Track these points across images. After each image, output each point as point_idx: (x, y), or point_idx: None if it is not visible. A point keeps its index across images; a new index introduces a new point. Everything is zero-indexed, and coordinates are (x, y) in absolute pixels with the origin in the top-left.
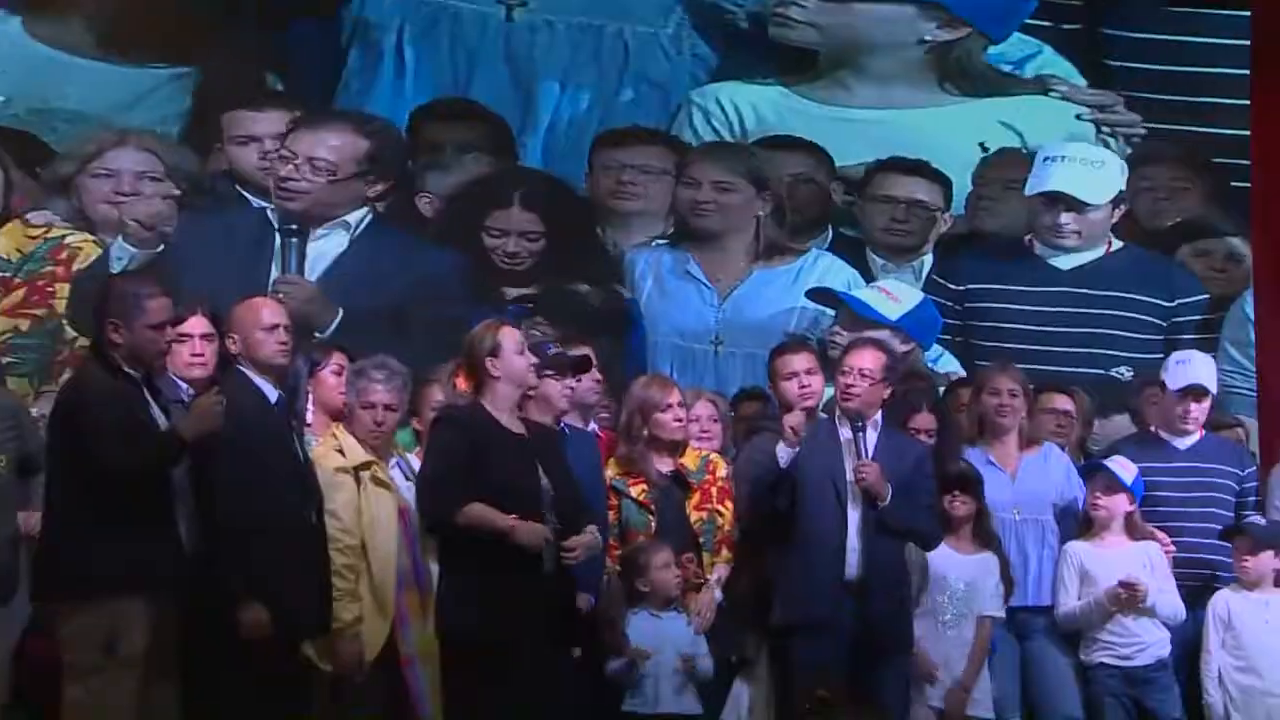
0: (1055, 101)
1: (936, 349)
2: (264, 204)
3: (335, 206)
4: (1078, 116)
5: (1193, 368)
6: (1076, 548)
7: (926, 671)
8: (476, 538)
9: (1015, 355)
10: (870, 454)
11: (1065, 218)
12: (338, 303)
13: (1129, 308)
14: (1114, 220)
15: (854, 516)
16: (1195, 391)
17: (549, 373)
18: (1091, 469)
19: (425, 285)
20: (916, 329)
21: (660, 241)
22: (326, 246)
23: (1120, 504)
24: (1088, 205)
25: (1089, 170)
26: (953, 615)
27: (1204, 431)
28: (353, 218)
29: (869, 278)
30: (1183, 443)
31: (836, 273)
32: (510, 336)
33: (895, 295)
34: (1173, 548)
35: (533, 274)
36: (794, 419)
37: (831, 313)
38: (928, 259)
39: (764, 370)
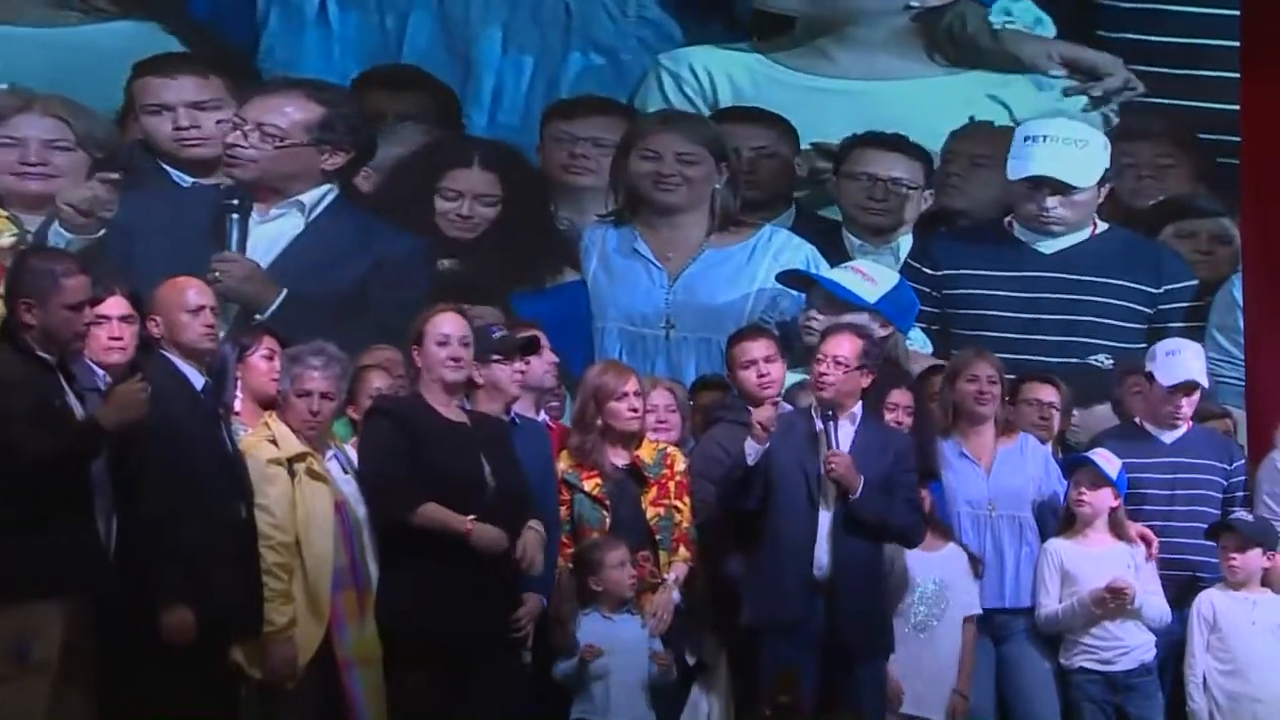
0: (1042, 77)
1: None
2: (184, 176)
3: (289, 180)
4: (1065, 92)
5: (1184, 361)
6: (1058, 546)
7: (893, 692)
8: (420, 535)
9: (995, 344)
10: (847, 446)
11: (1051, 202)
12: (290, 286)
13: (1115, 294)
14: (1100, 200)
15: (825, 514)
16: (1187, 388)
17: (496, 358)
18: (1074, 463)
19: (383, 269)
20: (894, 311)
21: (604, 217)
22: (282, 228)
23: (1105, 500)
24: (1074, 188)
25: (1073, 151)
26: (924, 617)
27: (1191, 423)
28: (309, 197)
29: (844, 259)
30: (1168, 436)
31: (794, 250)
32: (439, 324)
33: (871, 276)
34: (1157, 550)
35: (481, 243)
36: (763, 414)
37: (795, 294)
38: (907, 239)
39: (719, 356)
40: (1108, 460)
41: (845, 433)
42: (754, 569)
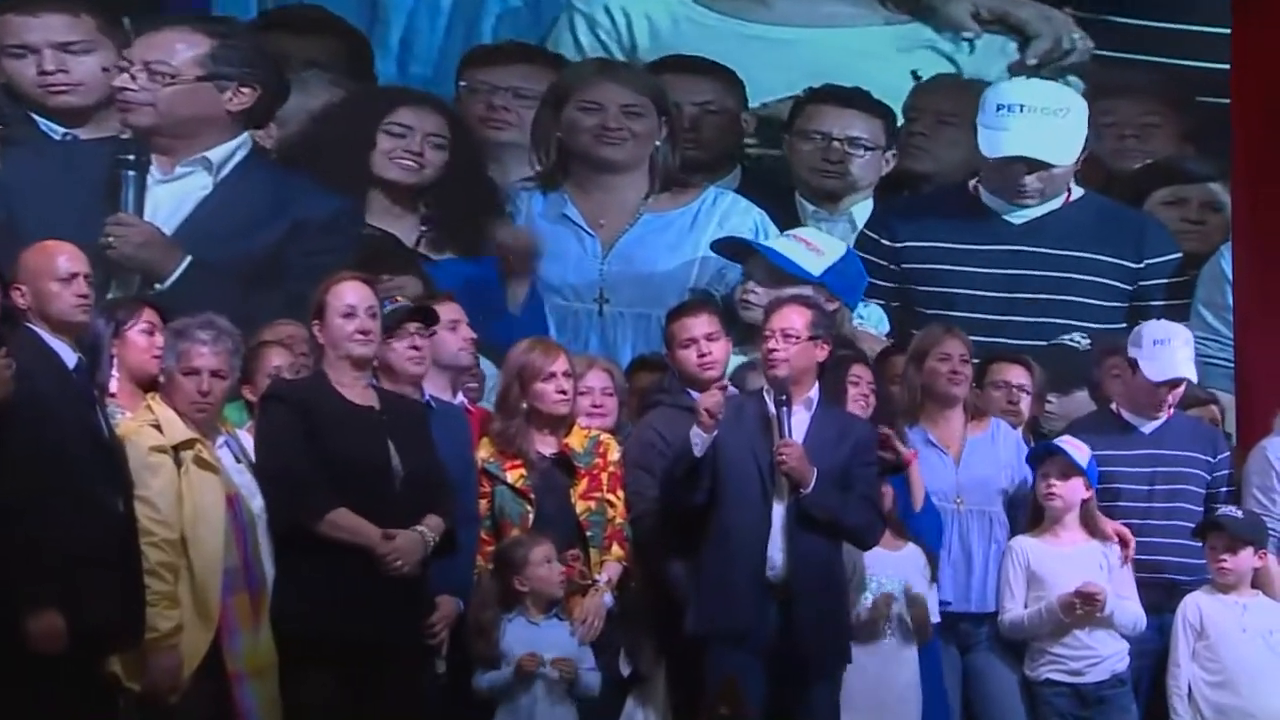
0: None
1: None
2: (54, 127)
3: (192, 127)
4: (1010, 70)
5: (1173, 352)
6: (1024, 544)
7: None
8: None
9: (960, 323)
10: (801, 434)
11: (1029, 179)
12: (196, 252)
13: (1092, 269)
14: (1077, 167)
15: (779, 508)
16: (1177, 383)
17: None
18: (1042, 452)
19: (302, 233)
20: (841, 285)
21: (529, 179)
22: (187, 188)
23: (1077, 491)
24: (1055, 165)
25: (1053, 123)
26: (889, 625)
27: (1172, 411)
28: (217, 154)
29: (792, 226)
30: (1147, 425)
31: (741, 215)
32: (341, 293)
33: (817, 246)
34: (1134, 550)
35: (429, 192)
36: (710, 400)
37: (740, 265)
38: (866, 205)
39: (659, 333)
40: (1076, 448)
41: (800, 420)
42: (698, 570)
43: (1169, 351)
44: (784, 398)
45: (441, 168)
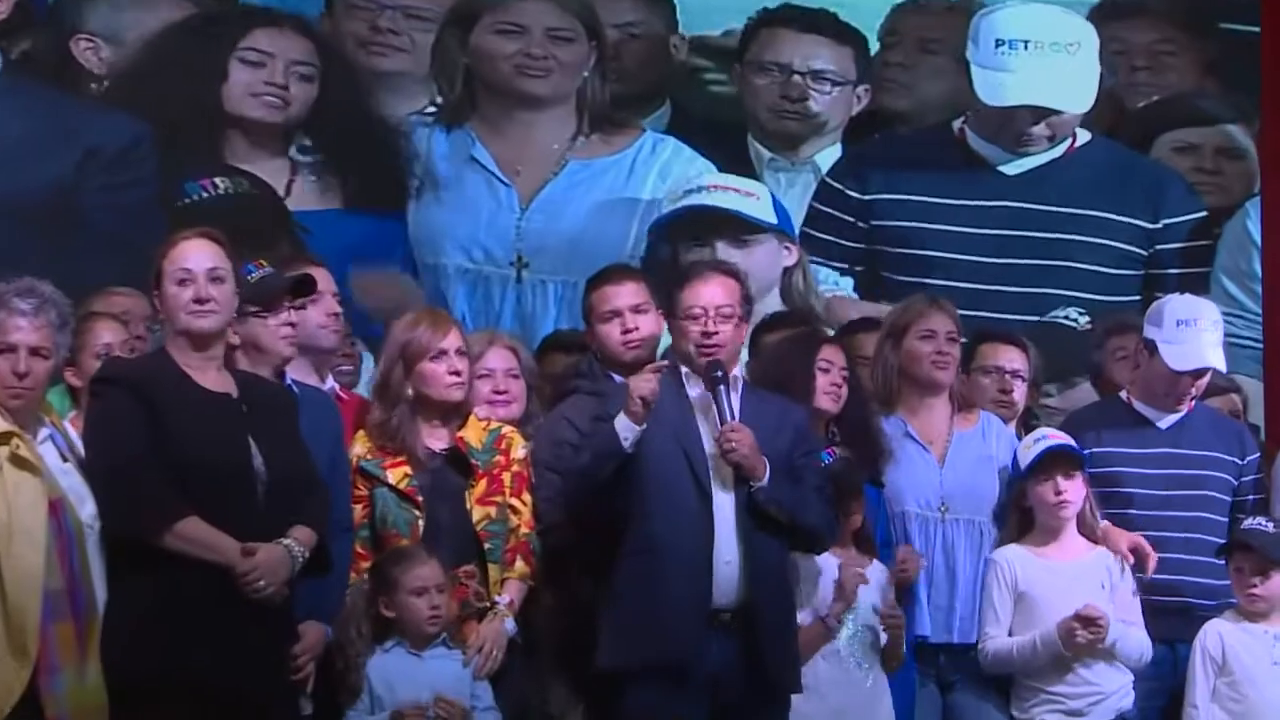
0: None
1: (829, 273)
2: None
3: None
4: None
5: (1199, 335)
6: (1011, 557)
7: None
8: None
9: (940, 294)
10: (736, 417)
11: (1036, 128)
12: None
13: (1099, 230)
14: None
15: (724, 508)
16: (1202, 373)
17: (252, 309)
18: (1048, 454)
19: (95, 164)
20: (788, 223)
21: (427, 114)
22: None
23: (1081, 493)
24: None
25: (1062, 61)
26: (858, 650)
27: (1192, 403)
28: None
29: (750, 176)
30: (1165, 419)
31: (685, 164)
32: (178, 256)
33: (744, 189)
34: (1154, 566)
35: (302, 133)
36: (643, 385)
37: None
38: (835, 151)
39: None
40: (1066, 439)
41: (733, 401)
42: (616, 589)
43: (1194, 334)
44: (720, 374)
45: (310, 104)
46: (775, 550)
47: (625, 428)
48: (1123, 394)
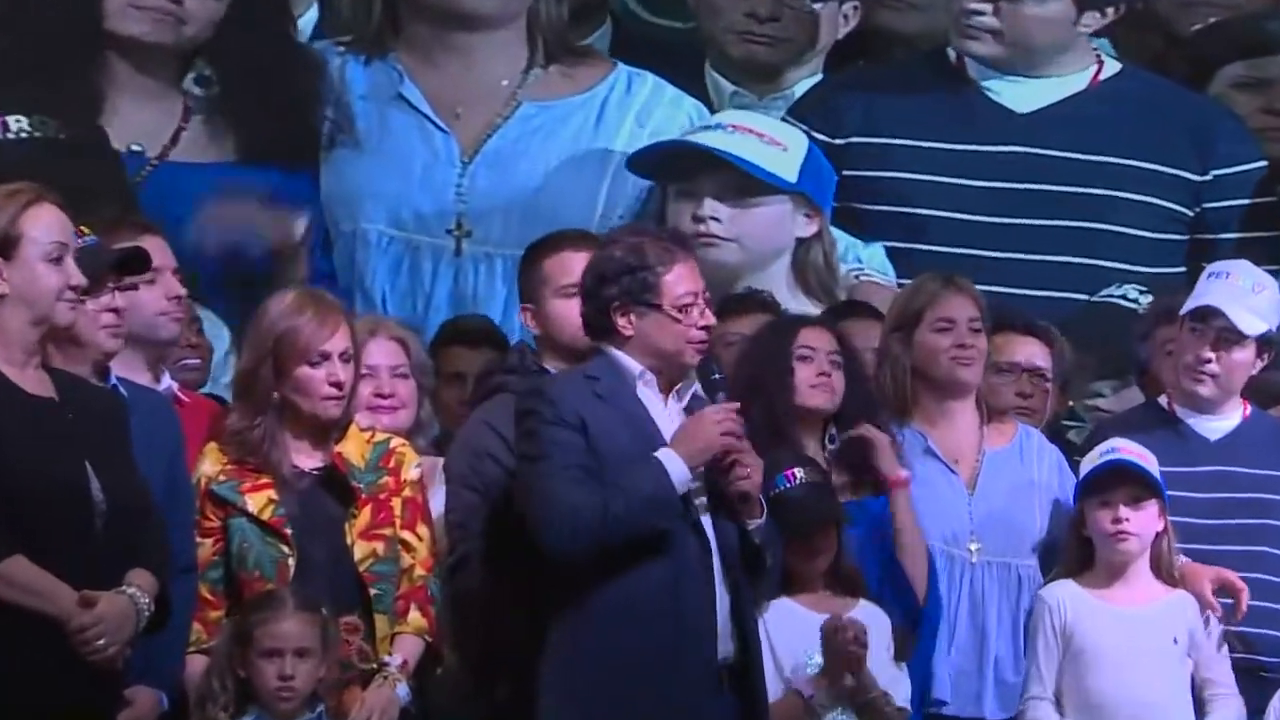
0: None
1: (852, 242)
2: None
3: None
4: None
5: (1225, 287)
6: (1062, 596)
7: None
8: None
9: (933, 264)
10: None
11: (983, 14)
12: None
13: (1133, 183)
14: (1106, 20)
15: (718, 548)
16: (1226, 333)
17: (70, 292)
18: (1104, 471)
19: None
20: (818, 188)
21: (342, 41)
22: None
23: (1152, 523)
24: None
25: None
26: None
27: (1249, 410)
28: None
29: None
30: (1215, 429)
31: (669, 110)
32: (42, 221)
33: (773, 136)
34: (1245, 601)
35: (200, 58)
36: (727, 422)
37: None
38: (813, 82)
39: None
40: (1141, 456)
41: (675, 416)
42: (601, 647)
43: (1220, 285)
44: (718, 375)
45: (213, 22)
46: (749, 593)
47: (681, 473)
48: (1163, 399)
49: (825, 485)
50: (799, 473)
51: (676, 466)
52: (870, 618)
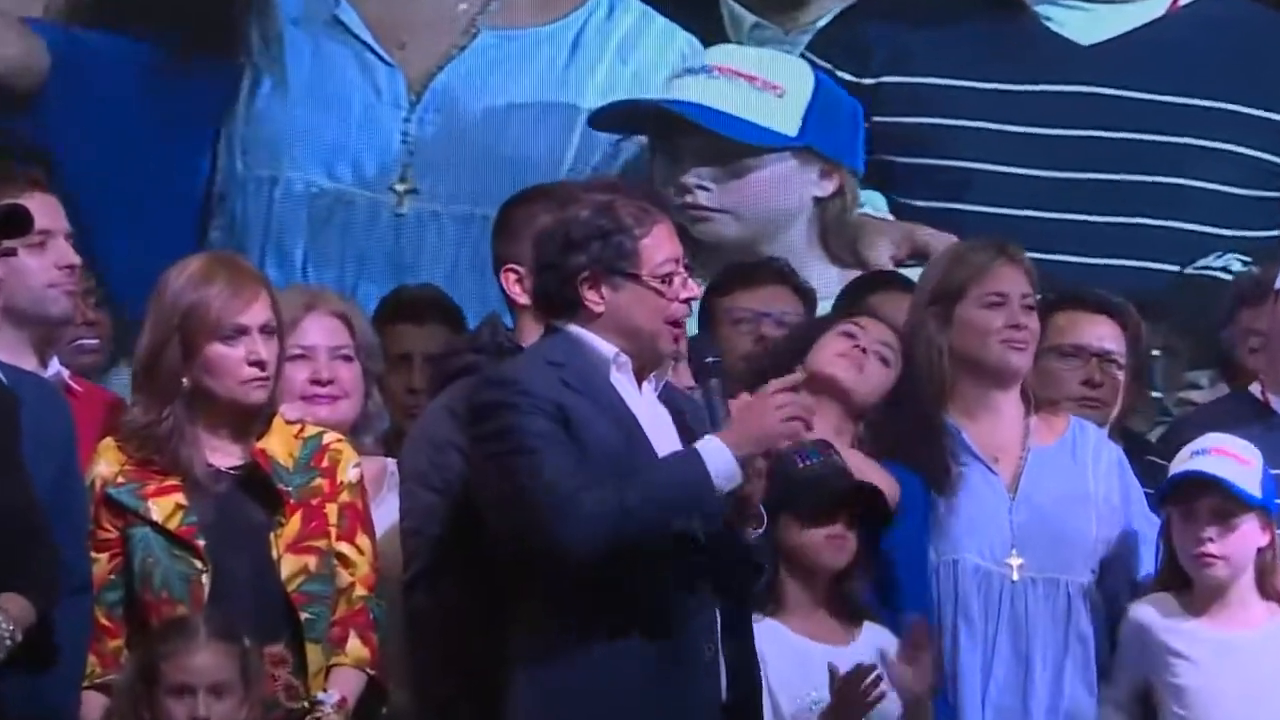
0: None
1: None
2: None
3: None
4: None
5: None
6: (1154, 616)
7: None
8: None
9: (980, 225)
10: (663, 428)
11: None
12: None
13: (1218, 128)
14: None
15: (714, 565)
16: None
17: None
18: (1181, 481)
19: None
20: (834, 139)
21: None
22: None
23: (1252, 539)
24: None
25: None
26: None
27: None
28: None
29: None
30: None
31: (658, 43)
32: None
33: (770, 80)
34: None
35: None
36: (795, 404)
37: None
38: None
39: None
40: (1238, 460)
41: (652, 409)
42: (593, 683)
43: None
44: (713, 359)
45: None
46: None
47: (726, 466)
48: (1255, 387)
49: (839, 466)
50: (816, 452)
51: (721, 459)
52: (881, 644)
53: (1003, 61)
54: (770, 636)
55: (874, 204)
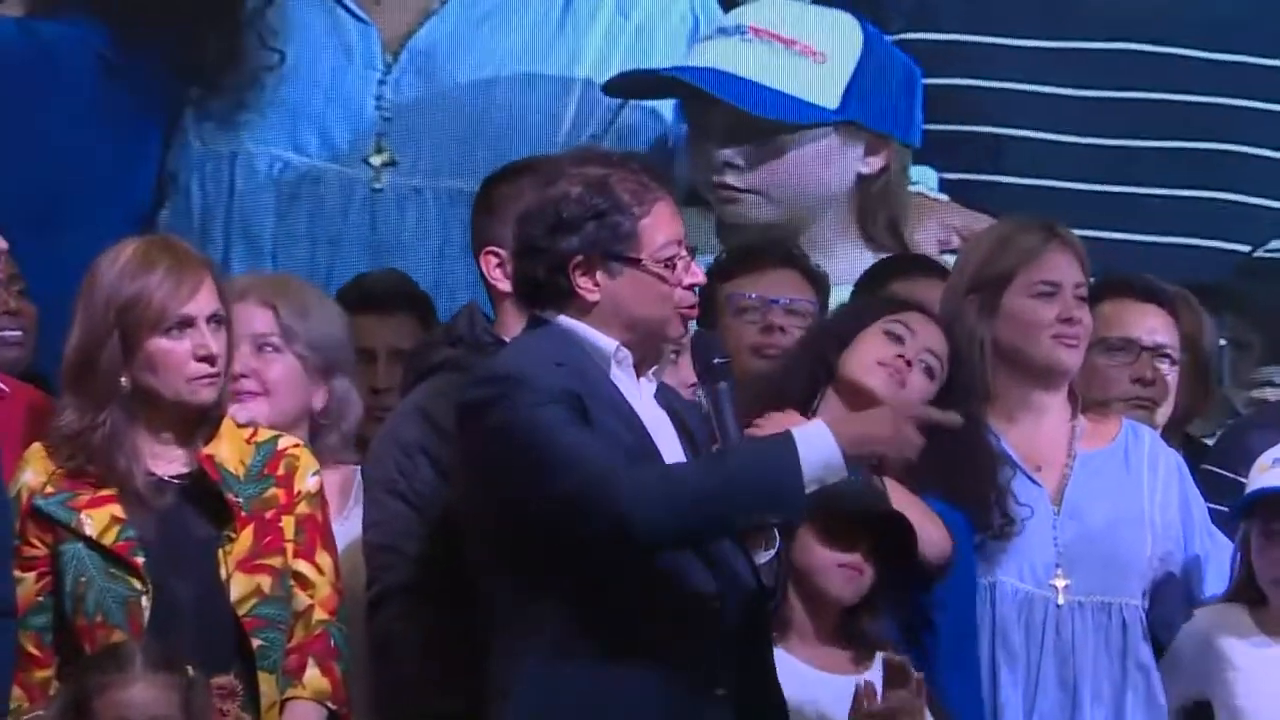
0: None
1: None
2: None
3: None
4: None
5: None
6: (1218, 623)
7: None
8: None
9: (1012, 202)
10: (666, 428)
11: None
12: None
13: None
14: None
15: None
16: None
17: None
18: (1256, 499)
19: None
20: (883, 110)
21: None
22: None
23: None
24: None
25: None
26: None
27: None
28: None
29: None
30: None
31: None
32: None
33: (807, 44)
34: None
35: None
36: (918, 405)
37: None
38: None
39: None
40: None
41: (651, 407)
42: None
43: None
44: (721, 360)
45: None
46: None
47: (828, 455)
48: None
49: (882, 496)
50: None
51: (824, 446)
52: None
53: (1040, 16)
54: (789, 665)
55: (925, 181)
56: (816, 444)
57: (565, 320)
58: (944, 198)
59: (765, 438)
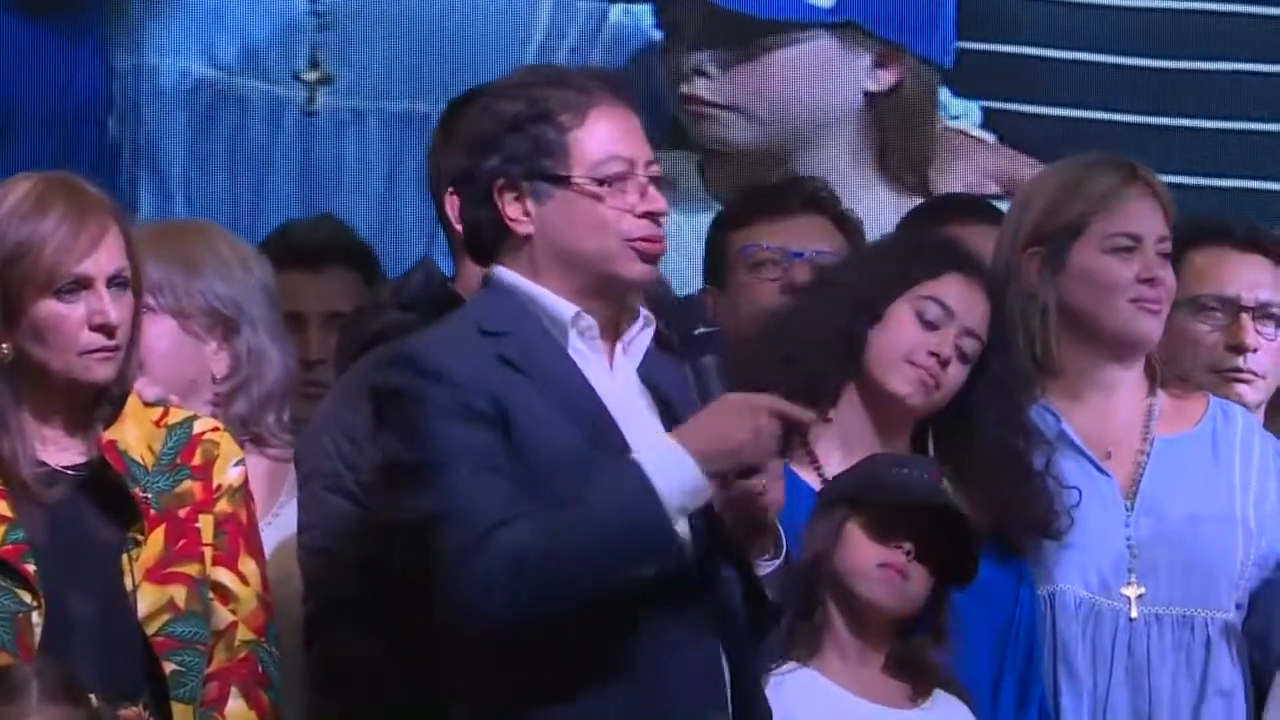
0: None
1: None
2: None
3: None
4: None
5: None
6: None
7: None
8: None
9: (1055, 138)
10: (642, 412)
11: None
12: None
13: None
14: None
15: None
16: None
17: None
18: None
19: None
20: (890, 9)
21: None
22: None
23: None
24: None
25: None
26: None
27: None
28: None
29: None
30: None
31: None
32: None
33: None
34: None
35: None
36: (792, 409)
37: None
38: None
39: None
40: None
41: (625, 386)
42: None
43: None
44: (704, 332)
45: None
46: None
47: (689, 479)
48: None
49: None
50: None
51: (680, 469)
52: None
53: None
54: (804, 689)
55: (967, 116)
56: (671, 469)
57: (506, 274)
58: (989, 137)
59: (612, 470)
